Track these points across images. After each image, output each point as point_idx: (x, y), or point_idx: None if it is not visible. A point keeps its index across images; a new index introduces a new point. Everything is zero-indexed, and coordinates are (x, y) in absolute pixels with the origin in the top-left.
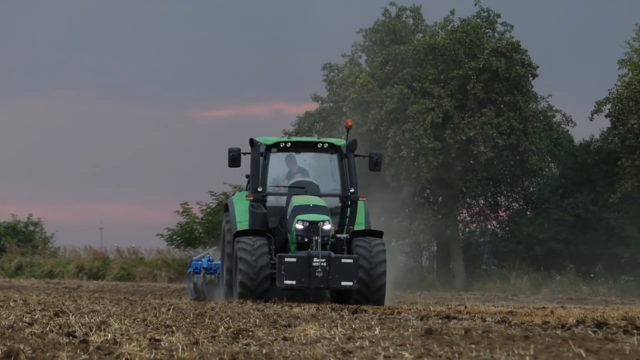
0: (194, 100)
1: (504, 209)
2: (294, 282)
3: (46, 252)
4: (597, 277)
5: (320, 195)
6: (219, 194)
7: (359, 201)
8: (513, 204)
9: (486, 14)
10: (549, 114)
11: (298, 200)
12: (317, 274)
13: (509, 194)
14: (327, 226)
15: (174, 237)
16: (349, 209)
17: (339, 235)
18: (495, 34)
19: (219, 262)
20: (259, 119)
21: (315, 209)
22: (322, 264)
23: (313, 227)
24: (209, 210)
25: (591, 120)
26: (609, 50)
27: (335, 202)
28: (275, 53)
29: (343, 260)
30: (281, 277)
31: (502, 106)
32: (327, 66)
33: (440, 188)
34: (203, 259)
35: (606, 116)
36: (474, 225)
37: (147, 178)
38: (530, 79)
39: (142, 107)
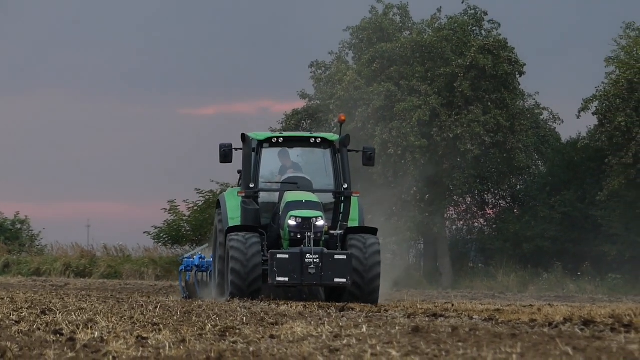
0: (181, 98)
1: (491, 206)
2: (286, 279)
3: (33, 250)
4: (585, 275)
5: (313, 191)
6: (205, 192)
7: (352, 197)
8: (500, 202)
9: (473, 11)
10: (536, 111)
11: (291, 196)
12: (310, 271)
13: (496, 191)
14: (320, 222)
15: (161, 235)
16: (342, 204)
17: (332, 232)
18: (483, 32)
19: (211, 259)
20: (247, 117)
21: (308, 204)
22: (315, 260)
23: (306, 223)
24: (196, 208)
25: (578, 117)
26: (596, 48)
27: (329, 198)
28: (263, 51)
29: (336, 257)
30: (273, 274)
31: (489, 104)
32: (315, 64)
33: (428, 186)
34: (194, 257)
35: (593, 114)
36: (461, 223)
37: (135, 176)
38: (518, 76)
39: (129, 105)
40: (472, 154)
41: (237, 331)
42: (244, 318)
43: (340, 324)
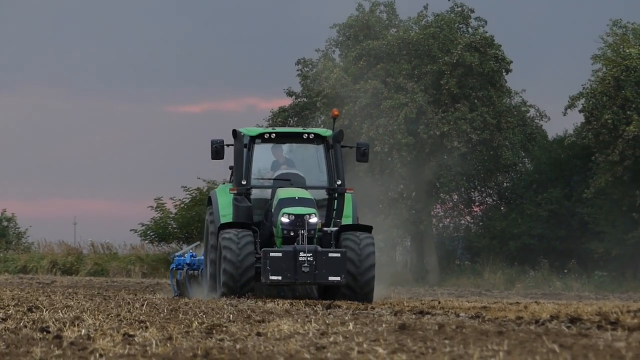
0: (167, 95)
1: (477, 204)
2: (279, 278)
3: (20, 247)
4: (571, 272)
5: (307, 188)
6: (192, 189)
7: (346, 193)
8: (487, 199)
9: (460, 8)
10: (522, 109)
11: (283, 192)
12: (303, 269)
13: (483, 189)
14: (314, 219)
15: (148, 232)
16: (336, 201)
17: (326, 229)
18: (469, 29)
19: (202, 257)
20: (233, 114)
21: (301, 201)
22: (308, 258)
23: (299, 220)
24: (182, 205)
25: (565, 115)
26: (582, 46)
27: (322, 195)
28: (249, 48)
29: (330, 255)
30: (266, 273)
31: (475, 101)
32: (301, 61)
33: (414, 183)
34: (186, 255)
35: (580, 111)
36: (448, 220)
37: (121, 173)
38: (504, 74)
39: (116, 103)
40: (458, 152)
41: (224, 329)
42: (231, 315)
43: (327, 321)
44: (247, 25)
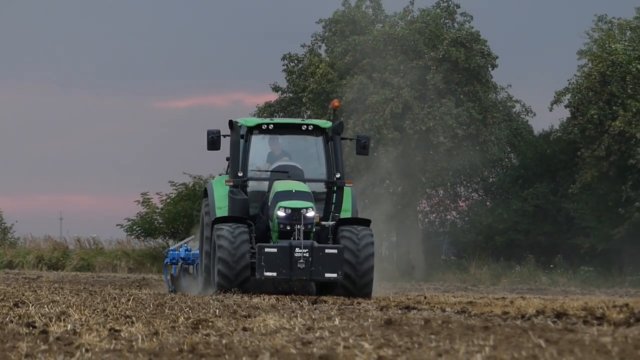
0: (153, 90)
1: (463, 199)
2: (274, 274)
3: (6, 242)
4: (557, 267)
5: (304, 181)
6: (178, 184)
7: (345, 187)
8: (473, 195)
9: (446, 4)
10: (508, 104)
11: (280, 185)
12: (299, 265)
13: (469, 184)
14: (311, 213)
15: (134, 227)
16: (334, 195)
17: (323, 223)
18: (455, 24)
19: (197, 251)
20: (220, 110)
21: (299, 195)
22: (304, 254)
23: (296, 214)
24: (168, 200)
25: (551, 110)
26: (568, 41)
27: (320, 188)
28: (235, 43)
29: (327, 251)
30: (261, 269)
31: (461, 96)
32: (287, 56)
33: (400, 178)
34: (180, 249)
35: (566, 106)
36: (434, 215)
37: (108, 168)
38: (490, 69)
39: (101, 98)
40: (444, 147)
41: (210, 324)
42: (217, 310)
43: (313, 316)
44: (234, 21)
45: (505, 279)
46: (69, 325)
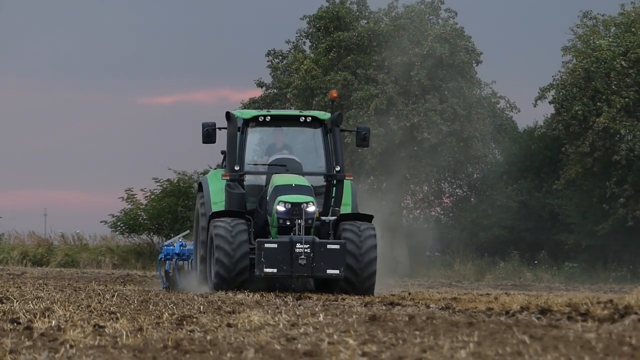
0: (139, 86)
1: (448, 195)
2: (275, 270)
3: None
4: (541, 263)
5: (303, 174)
6: (163, 181)
7: (345, 180)
8: (457, 191)
9: (430, 0)
10: (492, 100)
11: (279, 179)
12: (300, 262)
13: (453, 180)
14: (311, 208)
15: (118, 223)
16: (334, 188)
17: (323, 218)
18: (439, 20)
19: (192, 247)
20: (205, 106)
21: (299, 189)
22: (305, 250)
23: (296, 209)
24: (153, 196)
25: (535, 106)
26: (553, 37)
27: (320, 181)
28: (220, 39)
29: (329, 247)
30: (261, 265)
31: (446, 92)
32: (272, 52)
33: (384, 174)
34: (175, 244)
35: (550, 102)
36: (418, 211)
37: (92, 164)
38: (474, 65)
39: (87, 93)
40: (428, 143)
41: (194, 320)
42: (201, 307)
43: (297, 312)
44: (219, 17)
45: (489, 275)
46: (54, 322)
